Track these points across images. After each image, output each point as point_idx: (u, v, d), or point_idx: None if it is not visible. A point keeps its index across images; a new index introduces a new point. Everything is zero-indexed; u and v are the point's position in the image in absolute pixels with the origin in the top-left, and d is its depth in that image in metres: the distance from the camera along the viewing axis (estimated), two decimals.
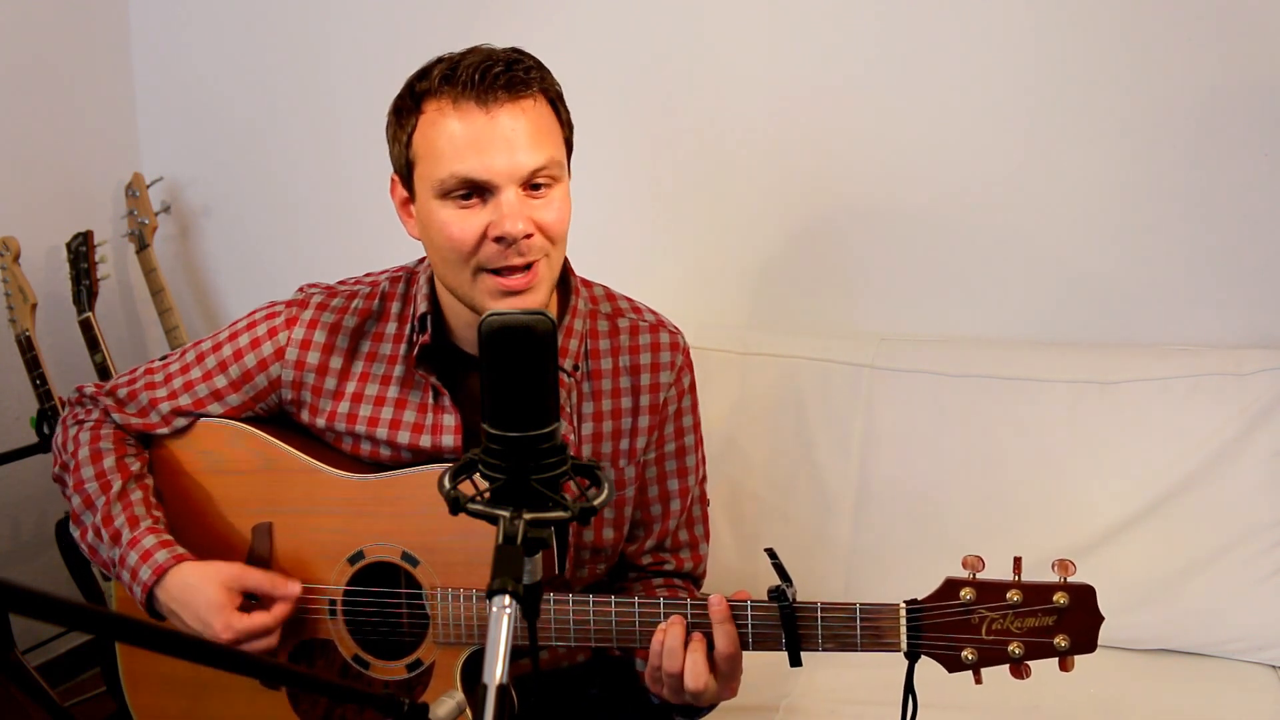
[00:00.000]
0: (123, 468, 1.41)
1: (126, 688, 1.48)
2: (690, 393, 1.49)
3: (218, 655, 0.82)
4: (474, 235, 1.26)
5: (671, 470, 1.48)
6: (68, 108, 2.54)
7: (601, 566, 1.47)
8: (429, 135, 1.27)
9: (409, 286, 1.43)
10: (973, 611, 1.18)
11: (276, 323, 1.43)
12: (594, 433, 1.42)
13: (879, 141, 2.09)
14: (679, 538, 1.50)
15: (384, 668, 1.37)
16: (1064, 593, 1.16)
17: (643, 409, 1.44)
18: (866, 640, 1.21)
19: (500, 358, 0.84)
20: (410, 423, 1.39)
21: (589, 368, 1.42)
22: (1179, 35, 1.89)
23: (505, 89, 1.24)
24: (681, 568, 1.51)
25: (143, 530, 1.36)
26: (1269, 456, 1.76)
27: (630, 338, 1.44)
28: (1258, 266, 1.92)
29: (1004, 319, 2.06)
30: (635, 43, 2.22)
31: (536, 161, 1.25)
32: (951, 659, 1.19)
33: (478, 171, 1.24)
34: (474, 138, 1.24)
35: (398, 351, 1.41)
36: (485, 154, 1.24)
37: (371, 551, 1.36)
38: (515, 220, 1.24)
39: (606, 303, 1.47)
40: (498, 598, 0.79)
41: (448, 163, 1.25)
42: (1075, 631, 1.16)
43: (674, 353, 1.46)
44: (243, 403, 1.44)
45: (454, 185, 1.25)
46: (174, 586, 1.33)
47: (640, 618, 1.26)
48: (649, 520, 1.48)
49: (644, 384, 1.44)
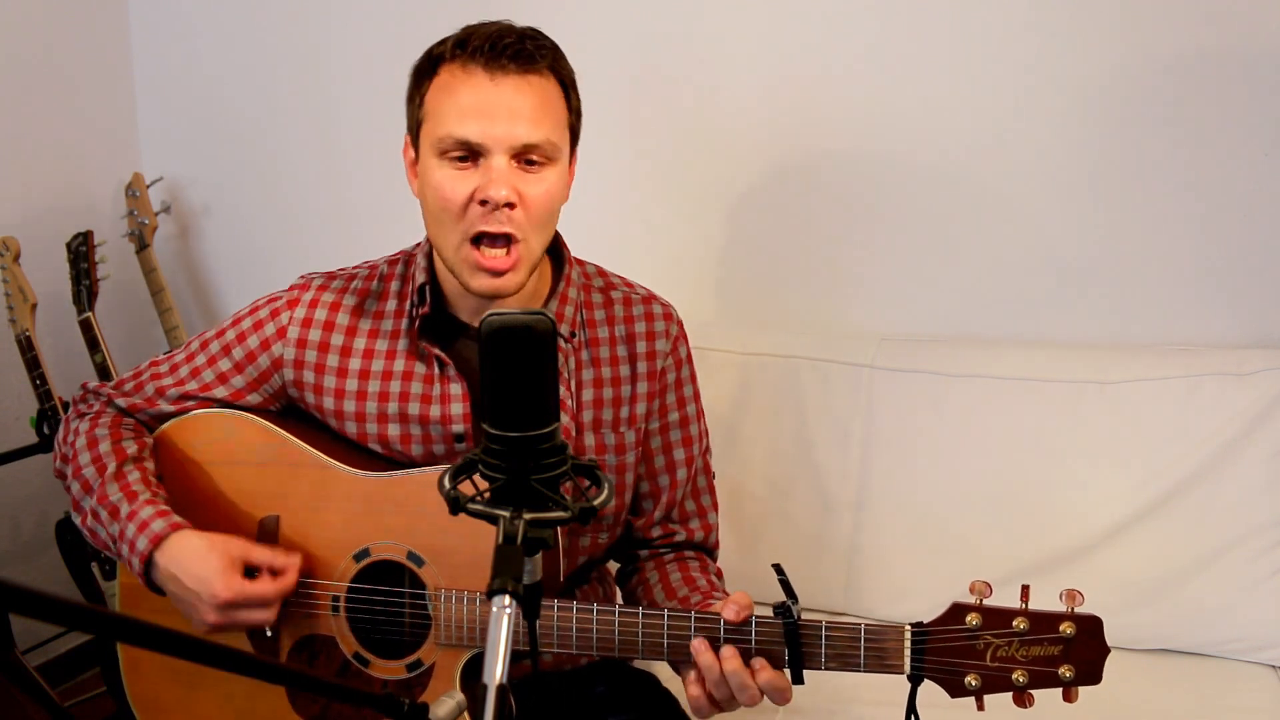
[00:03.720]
0: (119, 451, 1.41)
1: (126, 675, 1.48)
2: (688, 363, 1.52)
3: (218, 655, 0.82)
4: (463, 196, 1.29)
5: (676, 440, 1.50)
6: (68, 108, 2.54)
7: (604, 537, 1.48)
8: (437, 96, 1.32)
9: (407, 266, 1.46)
10: (978, 637, 1.16)
11: (278, 304, 1.46)
12: (594, 399, 1.44)
13: (879, 141, 2.09)
14: (685, 508, 1.52)
15: (384, 666, 1.37)
16: (1071, 623, 1.14)
17: (640, 376, 1.46)
18: (870, 661, 1.20)
19: (500, 357, 0.84)
20: (418, 394, 1.41)
21: (585, 336, 1.45)
22: (1180, 35, 1.89)
23: (514, 60, 1.29)
24: (692, 538, 1.52)
25: (140, 503, 1.36)
26: (1269, 456, 1.76)
27: (624, 308, 1.48)
28: (1258, 266, 1.92)
29: (1004, 319, 2.06)
30: (633, 39, 2.22)
31: (533, 136, 1.29)
32: (955, 684, 1.18)
33: (474, 134, 1.28)
34: (476, 102, 1.28)
35: (399, 326, 1.43)
36: (484, 119, 1.28)
37: (377, 550, 1.36)
38: (500, 186, 1.27)
39: (599, 278, 1.51)
40: (498, 598, 0.79)
41: (448, 123, 1.29)
42: (1081, 662, 1.15)
43: (668, 322, 1.49)
44: (246, 385, 1.46)
45: (451, 145, 1.29)
46: (174, 549, 1.33)
47: (644, 629, 1.26)
48: (655, 491, 1.50)
49: (640, 352, 1.46)
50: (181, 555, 1.32)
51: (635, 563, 1.53)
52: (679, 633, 1.25)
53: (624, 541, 1.55)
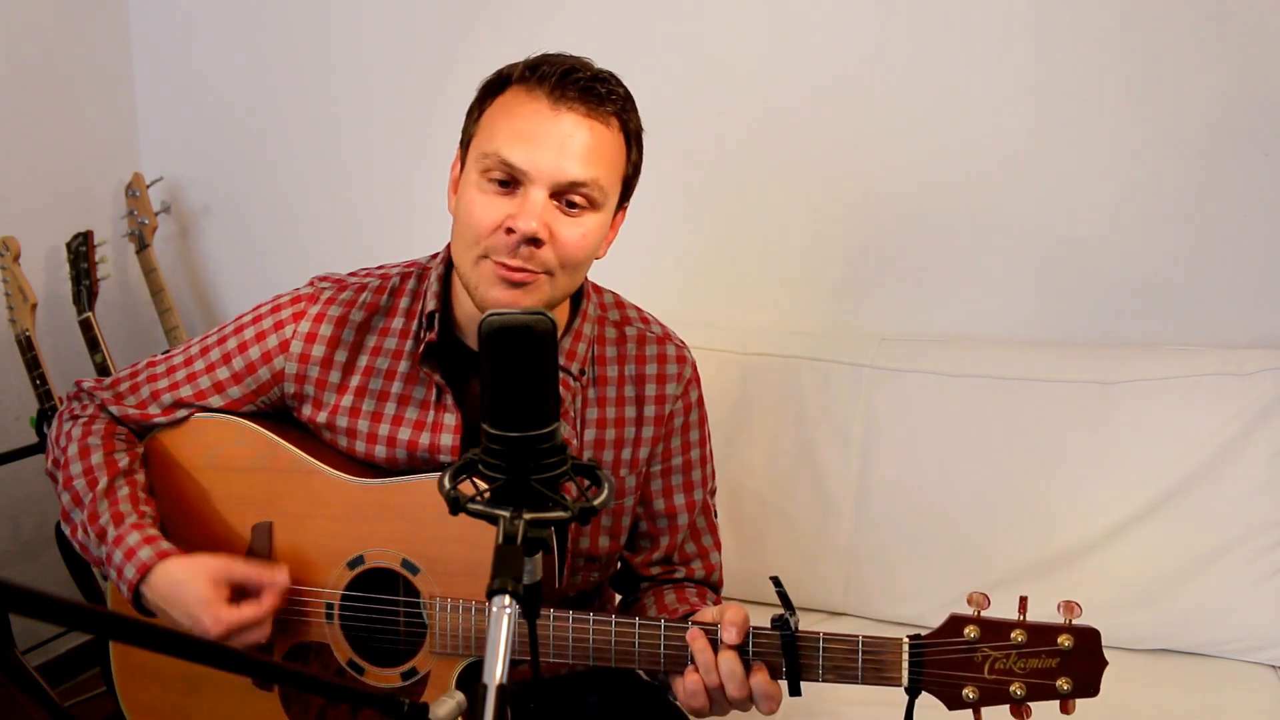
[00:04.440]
0: (110, 464, 1.39)
1: (119, 681, 1.47)
2: (698, 407, 1.48)
3: (219, 655, 0.82)
4: (493, 221, 1.24)
5: (677, 485, 1.47)
6: (68, 108, 2.54)
7: (595, 575, 1.46)
8: (495, 114, 1.27)
9: (419, 283, 1.42)
10: (976, 650, 1.16)
11: (283, 315, 1.41)
12: (596, 439, 1.41)
13: (879, 142, 2.09)
14: (686, 550, 1.49)
15: (378, 674, 1.36)
16: (1069, 635, 1.14)
17: (646, 419, 1.43)
18: (868, 673, 1.19)
19: (500, 357, 0.84)
20: (412, 420, 1.38)
21: (595, 374, 1.41)
22: (1182, 35, 1.89)
23: (581, 96, 1.25)
24: (693, 575, 1.50)
25: (127, 527, 1.34)
26: (1269, 456, 1.76)
27: (637, 347, 1.44)
28: (1257, 266, 1.92)
29: (1004, 319, 2.06)
30: (635, 40, 2.21)
31: (580, 175, 1.24)
32: (952, 696, 1.17)
33: (519, 159, 1.23)
34: (530, 128, 1.24)
35: (403, 348, 1.39)
36: (533, 146, 1.23)
37: (372, 557, 1.35)
38: (530, 219, 1.22)
39: (615, 310, 1.46)
40: (498, 597, 0.79)
41: (497, 142, 1.25)
42: (1079, 674, 1.14)
43: (681, 365, 1.45)
44: (244, 395, 1.43)
45: (494, 165, 1.24)
46: (160, 583, 1.31)
47: (640, 639, 1.25)
48: (655, 533, 1.47)
49: (649, 394, 1.43)
50: (168, 590, 1.31)
51: (635, 593, 1.51)
52: (675, 643, 1.24)
53: (624, 574, 1.53)
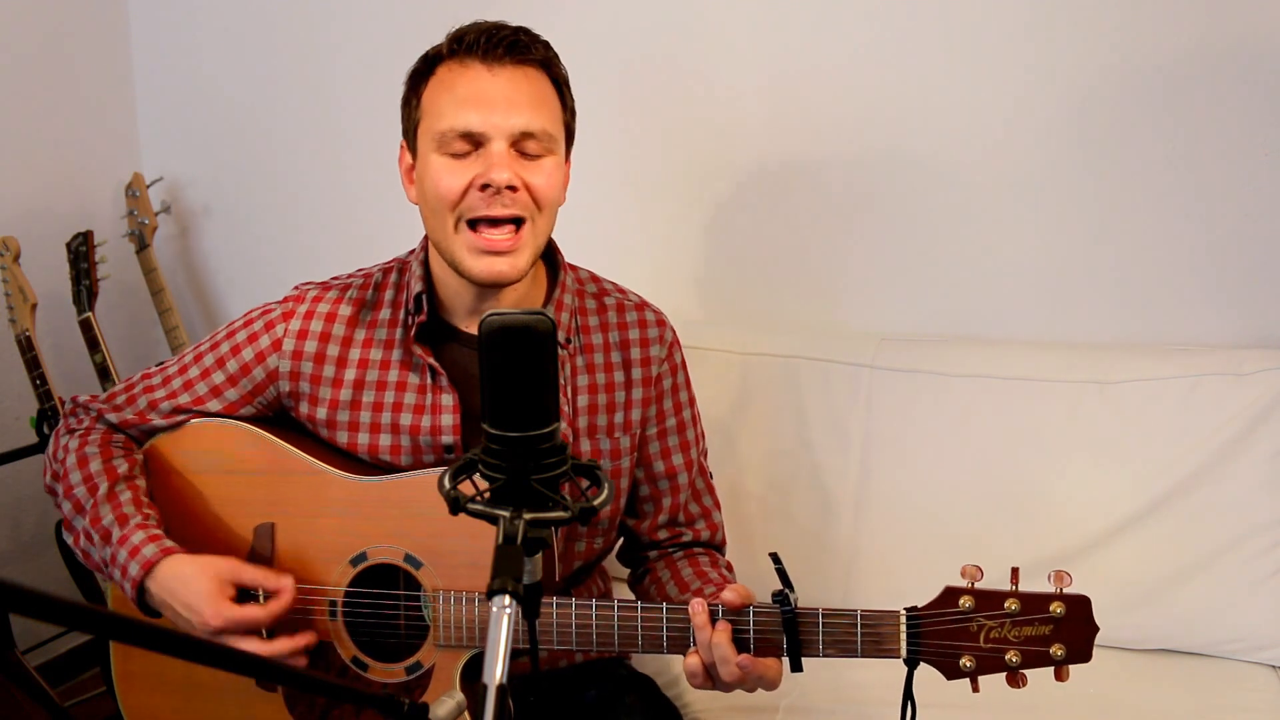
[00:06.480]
0: (109, 470, 1.40)
1: (119, 686, 1.47)
2: (683, 369, 1.54)
3: (219, 655, 0.82)
4: (462, 184, 1.30)
5: (674, 445, 1.51)
6: (68, 108, 2.54)
7: (599, 542, 1.49)
8: (435, 94, 1.33)
9: (401, 275, 1.46)
10: (971, 620, 1.19)
11: (273, 316, 1.45)
12: (589, 404, 1.45)
13: (879, 140, 2.09)
14: (690, 510, 1.53)
15: (383, 670, 1.37)
16: (1061, 603, 1.18)
17: (635, 382, 1.47)
18: (867, 646, 1.22)
19: (500, 357, 0.84)
20: (411, 405, 1.41)
21: (580, 342, 1.46)
22: (1180, 34, 1.88)
23: (510, 52, 1.31)
24: (699, 538, 1.53)
25: (131, 527, 1.35)
26: (1269, 456, 1.76)
27: (618, 315, 1.49)
28: (1257, 266, 1.92)
29: (1004, 319, 2.06)
30: (627, 38, 2.21)
31: (531, 124, 1.30)
32: (950, 666, 1.20)
33: (474, 124, 1.29)
34: (475, 92, 1.30)
35: (394, 335, 1.43)
36: (483, 108, 1.30)
37: (374, 553, 1.36)
38: (501, 170, 1.29)
39: (592, 284, 1.52)
40: (498, 598, 0.79)
41: (448, 117, 1.31)
42: (1071, 641, 1.18)
43: (661, 328, 1.50)
44: (241, 398, 1.45)
45: (452, 138, 1.30)
46: (164, 577, 1.32)
47: (643, 622, 1.26)
48: (656, 495, 1.51)
49: (634, 358, 1.47)
50: (171, 582, 1.32)
51: (645, 564, 1.53)
52: (678, 625, 1.25)
53: (631, 545, 1.55)
